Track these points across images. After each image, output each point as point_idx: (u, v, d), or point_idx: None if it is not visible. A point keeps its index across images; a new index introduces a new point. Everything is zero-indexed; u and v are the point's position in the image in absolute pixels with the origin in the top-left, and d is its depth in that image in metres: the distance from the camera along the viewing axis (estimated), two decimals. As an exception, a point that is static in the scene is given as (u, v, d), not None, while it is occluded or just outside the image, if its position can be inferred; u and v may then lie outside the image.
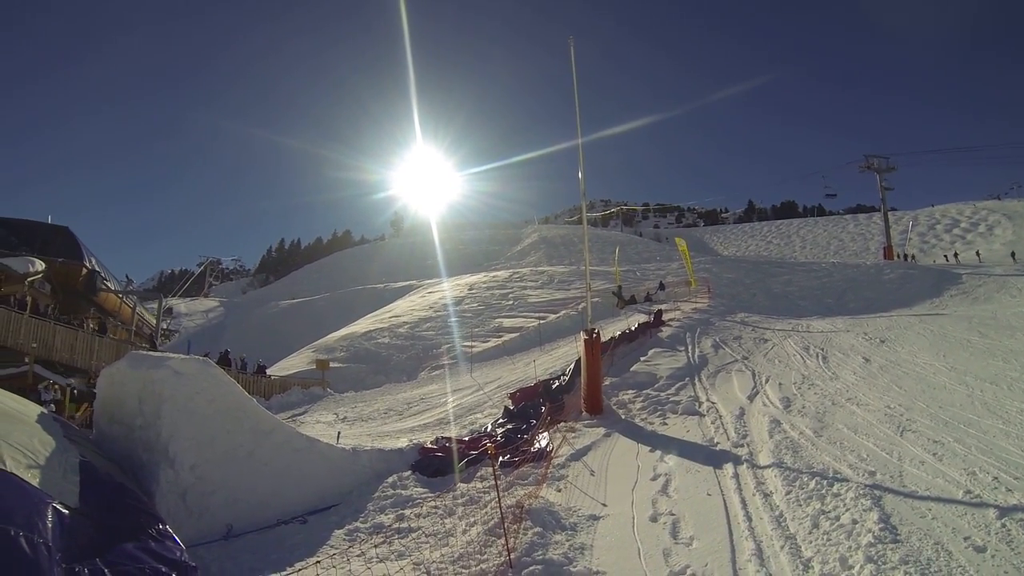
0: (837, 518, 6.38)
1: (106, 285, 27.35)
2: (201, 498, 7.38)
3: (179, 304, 75.23)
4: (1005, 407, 9.94)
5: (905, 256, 58.58)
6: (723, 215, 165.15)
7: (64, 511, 4.68)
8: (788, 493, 7.25)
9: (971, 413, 9.84)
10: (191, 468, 7.40)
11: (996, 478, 6.89)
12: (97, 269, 26.11)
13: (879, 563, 5.37)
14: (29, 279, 20.86)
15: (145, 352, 10.40)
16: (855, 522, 6.20)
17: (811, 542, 5.98)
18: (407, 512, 8.01)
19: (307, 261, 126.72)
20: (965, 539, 5.62)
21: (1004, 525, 5.77)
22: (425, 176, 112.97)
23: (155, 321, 32.00)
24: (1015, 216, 68.47)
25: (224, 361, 24.36)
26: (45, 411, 7.62)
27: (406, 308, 46.63)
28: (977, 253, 53.18)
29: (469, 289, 48.79)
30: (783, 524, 6.47)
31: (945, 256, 56.18)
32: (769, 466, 8.40)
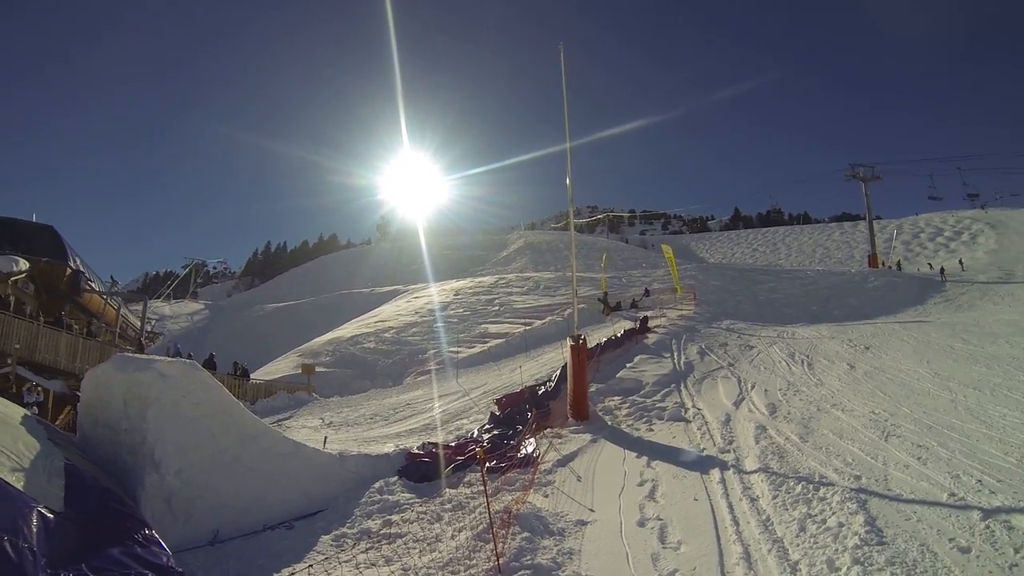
0: (824, 521, 6.43)
1: (90, 286, 27.06)
2: (187, 503, 7.31)
3: (164, 306, 74.78)
4: (988, 412, 10.10)
5: (898, 264, 58.92)
6: (709, 222, 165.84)
7: (49, 515, 4.63)
8: (775, 497, 7.29)
9: (954, 418, 9.98)
10: (177, 472, 7.33)
11: (979, 481, 6.99)
12: (82, 269, 25.78)
13: (866, 564, 5.42)
14: (12, 278, 20.62)
15: (131, 354, 10.29)
16: (841, 525, 6.25)
17: (798, 545, 6.01)
18: (394, 517, 7.96)
19: (293, 265, 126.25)
20: (950, 540, 5.69)
21: (988, 526, 5.85)
22: (412, 180, 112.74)
23: (140, 323, 31.72)
24: (998, 225, 69.15)
25: (210, 365, 24.19)
26: (28, 413, 7.56)
27: (392, 313, 46.55)
28: (960, 262, 53.50)
29: (455, 294, 48.74)
30: (770, 528, 6.51)
31: (929, 264, 56.54)
32: (755, 471, 8.45)
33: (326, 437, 12.94)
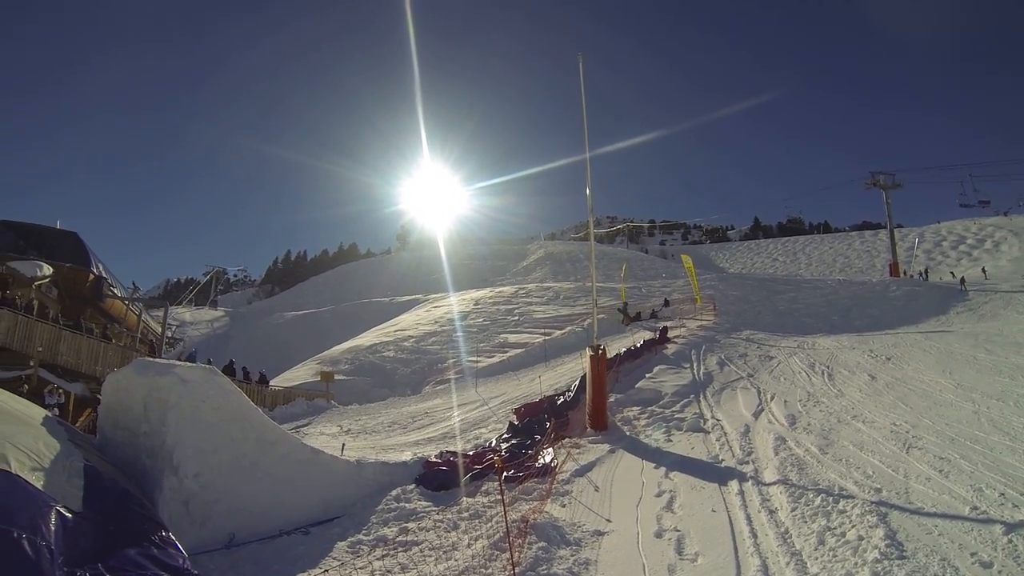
0: (843, 534, 6.37)
1: (112, 291, 27.34)
2: (204, 506, 7.34)
3: (184, 313, 75.34)
4: (1011, 423, 9.97)
5: (924, 273, 58.18)
6: (729, 232, 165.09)
7: (67, 514, 4.66)
8: (794, 510, 7.23)
9: (977, 430, 9.86)
10: (195, 476, 7.36)
11: (1003, 494, 6.89)
12: (104, 275, 26.07)
13: (885, 579, 5.35)
14: (36, 283, 20.90)
15: (152, 359, 10.37)
16: (861, 538, 6.19)
17: (817, 558, 5.96)
18: (411, 525, 7.95)
19: (313, 273, 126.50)
20: (972, 555, 5.61)
21: (1011, 541, 5.76)
22: (432, 190, 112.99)
23: (160, 329, 31.97)
24: (1021, 232, 68.27)
25: (229, 371, 24.34)
26: (50, 415, 7.62)
27: (412, 322, 46.66)
28: (983, 270, 52.93)
29: (475, 304, 48.78)
30: (789, 540, 6.45)
31: (952, 274, 55.88)
32: (774, 483, 8.39)
33: (344, 444, 12.98)
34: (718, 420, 13.08)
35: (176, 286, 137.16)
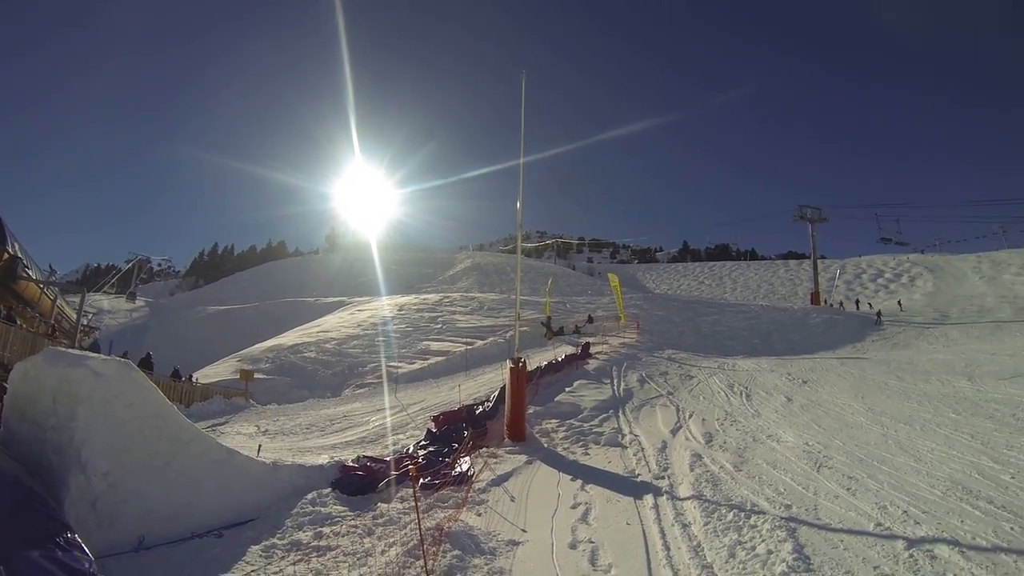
0: (753, 548, 6.54)
1: (27, 273, 26.08)
2: (113, 507, 7.07)
3: (103, 300, 72.83)
4: (917, 446, 10.40)
5: (842, 303, 60.23)
6: (657, 254, 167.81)
7: (-35, 513, 4.48)
8: (706, 524, 7.38)
9: (885, 451, 10.25)
10: (104, 475, 7.09)
11: (905, 512, 7.21)
12: (19, 255, 24.86)
13: (792, 591, 5.51)
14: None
15: (64, 349, 9.96)
16: (770, 552, 6.37)
17: (727, 571, 6.10)
18: (326, 530, 7.83)
19: (239, 268, 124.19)
20: (874, 568, 5.85)
21: (912, 555, 6.04)
22: (363, 193, 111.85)
23: (76, 316, 30.64)
24: (935, 269, 71.62)
25: (146, 364, 23.62)
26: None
27: (335, 324, 46.17)
28: (899, 303, 55.23)
29: (399, 310, 48.56)
30: (700, 553, 6.58)
31: (870, 304, 58.03)
32: (689, 498, 8.54)
33: (260, 445, 12.73)
34: (636, 436, 13.25)
35: (96, 272, 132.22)
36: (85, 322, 35.86)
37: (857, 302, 59.29)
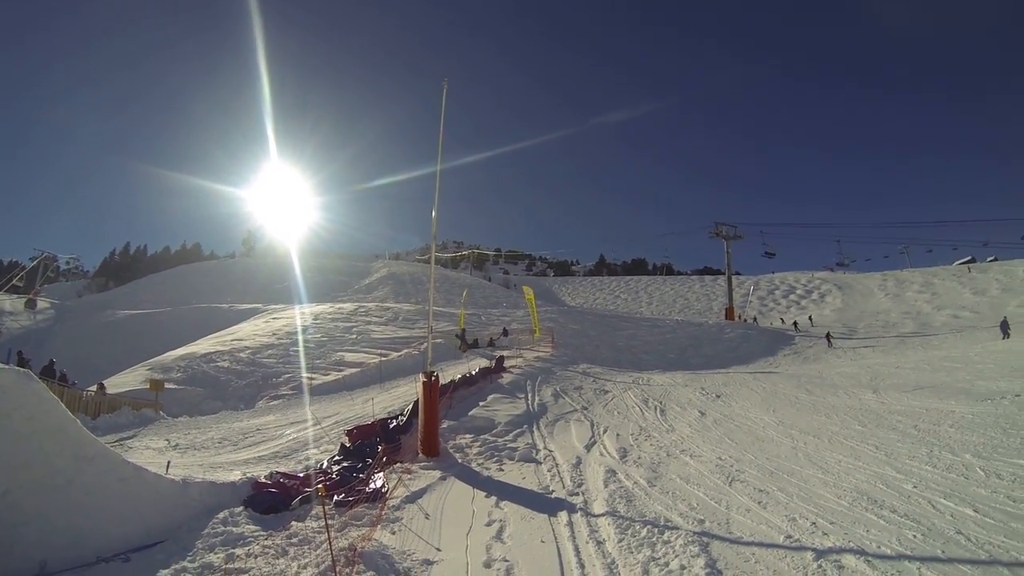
0: (666, 564, 6.52)
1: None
2: (12, 529, 6.57)
3: (4, 301, 69.39)
4: (825, 458, 10.68)
5: (755, 319, 61.98)
6: (574, 267, 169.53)
7: None
8: (620, 540, 7.33)
9: (794, 464, 10.47)
10: (2, 495, 6.60)
11: (814, 523, 7.36)
12: None
13: (704, 606, 5.48)
14: None
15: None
16: (683, 567, 6.37)
17: (641, 588, 6.02)
18: (238, 551, 7.47)
19: (152, 271, 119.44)
20: (784, 580, 5.83)
21: (820, 566, 6.15)
22: (280, 196, 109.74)
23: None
24: (844, 286, 74.61)
25: (48, 372, 22.44)
26: None
27: (249, 332, 44.90)
28: (810, 318, 57.38)
29: (314, 319, 47.57)
30: (615, 571, 6.52)
31: (782, 319, 59.91)
32: (603, 514, 8.49)
33: (169, 461, 12.14)
34: (550, 451, 13.20)
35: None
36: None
37: (783, 319, 61.09)
